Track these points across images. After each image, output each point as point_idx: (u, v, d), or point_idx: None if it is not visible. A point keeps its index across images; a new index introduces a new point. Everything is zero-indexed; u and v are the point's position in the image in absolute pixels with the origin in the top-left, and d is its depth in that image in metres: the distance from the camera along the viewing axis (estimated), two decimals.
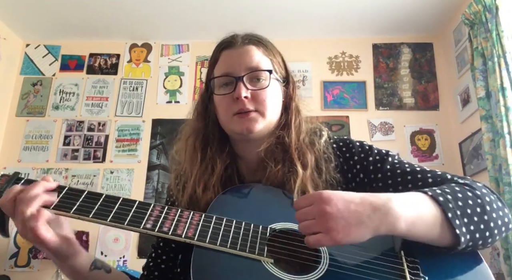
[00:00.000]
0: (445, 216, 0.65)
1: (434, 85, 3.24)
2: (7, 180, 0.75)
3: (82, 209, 0.72)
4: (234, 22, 3.16)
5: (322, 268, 0.69)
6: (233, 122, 0.86)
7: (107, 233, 2.89)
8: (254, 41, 0.91)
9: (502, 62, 2.29)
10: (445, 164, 3.03)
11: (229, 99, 0.86)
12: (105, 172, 3.08)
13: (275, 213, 0.78)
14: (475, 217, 0.68)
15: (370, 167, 0.86)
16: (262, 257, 0.68)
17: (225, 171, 0.89)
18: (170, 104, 3.30)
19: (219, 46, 0.93)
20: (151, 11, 3.08)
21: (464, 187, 0.72)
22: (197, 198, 0.85)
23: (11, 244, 2.89)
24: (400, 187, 0.82)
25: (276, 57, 0.93)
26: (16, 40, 3.39)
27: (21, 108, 3.28)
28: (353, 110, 3.21)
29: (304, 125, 0.92)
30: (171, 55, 3.44)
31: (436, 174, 0.81)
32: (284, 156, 0.87)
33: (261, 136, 0.88)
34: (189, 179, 0.88)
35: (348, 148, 0.91)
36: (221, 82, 0.88)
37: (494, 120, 2.32)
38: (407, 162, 0.86)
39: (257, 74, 0.87)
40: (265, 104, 0.86)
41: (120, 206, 0.73)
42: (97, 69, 3.40)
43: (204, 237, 0.70)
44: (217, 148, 0.90)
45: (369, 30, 3.31)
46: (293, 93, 0.94)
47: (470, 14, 2.55)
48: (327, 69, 3.33)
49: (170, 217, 0.73)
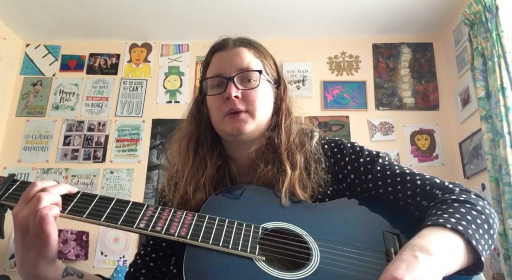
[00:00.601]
0: (468, 244, 0.66)
1: (434, 85, 3.24)
2: (2, 182, 0.75)
3: (77, 210, 0.73)
4: (234, 22, 3.16)
5: (313, 265, 0.70)
6: (224, 123, 0.88)
7: (107, 233, 2.89)
8: (245, 43, 0.94)
9: (502, 62, 2.29)
10: (445, 164, 3.03)
11: (221, 100, 0.87)
12: (105, 172, 3.08)
13: (267, 212, 0.80)
14: (486, 235, 0.70)
15: (360, 168, 0.88)
16: (254, 255, 0.69)
17: (217, 172, 0.90)
18: (170, 104, 3.30)
19: (211, 49, 0.96)
20: (151, 11, 3.08)
21: (467, 206, 0.73)
22: (188, 198, 0.86)
23: (11, 244, 2.89)
24: (389, 188, 0.84)
25: (267, 59, 0.95)
26: (16, 40, 3.39)
27: (21, 108, 3.28)
28: (353, 110, 3.21)
29: (295, 126, 0.93)
30: (171, 55, 3.44)
31: (425, 177, 0.83)
32: (274, 156, 0.88)
33: (252, 138, 0.90)
34: (181, 180, 0.90)
35: (340, 149, 0.92)
36: (213, 83, 0.90)
37: (494, 120, 2.32)
38: (397, 164, 0.88)
39: (247, 75, 0.89)
40: (255, 104, 0.87)
41: (114, 206, 0.74)
42: (97, 69, 3.40)
43: (197, 236, 0.71)
44: (208, 149, 0.92)
45: (369, 30, 3.30)
46: (284, 95, 0.95)
47: (470, 14, 2.55)
48: (327, 69, 3.33)
49: (163, 217, 0.74)
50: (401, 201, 0.83)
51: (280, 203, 0.81)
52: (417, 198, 0.81)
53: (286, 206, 0.81)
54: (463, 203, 0.73)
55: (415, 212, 0.81)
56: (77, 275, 0.81)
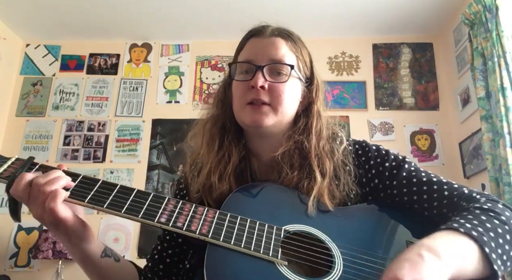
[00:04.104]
0: (482, 251, 0.63)
1: (434, 85, 3.24)
2: (22, 165, 0.74)
3: (97, 199, 0.71)
4: (233, 22, 3.16)
5: (336, 273, 0.68)
6: (244, 112, 0.84)
7: (107, 233, 2.89)
8: (283, 35, 0.89)
9: (502, 62, 2.29)
10: (445, 164, 3.03)
11: (245, 87, 0.84)
12: (105, 172, 3.08)
13: (290, 214, 0.77)
14: (507, 246, 0.66)
15: (386, 173, 0.84)
16: (276, 259, 0.67)
17: (239, 163, 0.87)
18: (170, 104, 3.30)
19: (248, 33, 0.91)
20: (151, 11, 3.08)
21: (489, 214, 0.69)
22: (211, 186, 0.83)
23: (11, 244, 2.89)
24: (414, 197, 0.81)
25: (303, 55, 0.90)
26: (16, 40, 3.39)
27: (21, 108, 3.28)
28: (353, 110, 3.21)
29: (325, 131, 0.89)
30: (171, 55, 3.44)
31: (453, 186, 0.79)
32: (302, 162, 0.84)
33: (273, 134, 0.86)
34: (205, 166, 0.86)
35: (364, 151, 0.88)
36: (241, 68, 0.87)
37: (494, 120, 2.32)
38: (424, 170, 0.84)
39: (278, 67, 0.85)
40: (280, 99, 0.83)
41: (134, 198, 0.72)
42: (97, 69, 3.40)
43: (219, 235, 0.69)
44: (233, 138, 0.88)
45: (369, 30, 3.30)
46: (315, 96, 0.90)
47: (470, 14, 2.55)
48: (327, 69, 3.33)
49: (185, 213, 0.72)
50: (426, 211, 0.80)
51: (305, 208, 0.77)
52: (443, 210, 0.77)
53: (310, 210, 0.77)
54: (485, 211, 0.70)
55: (440, 223, 0.77)
56: (114, 258, 0.84)
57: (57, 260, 2.67)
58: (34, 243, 2.81)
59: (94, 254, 0.78)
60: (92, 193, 0.71)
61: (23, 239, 2.90)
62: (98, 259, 0.79)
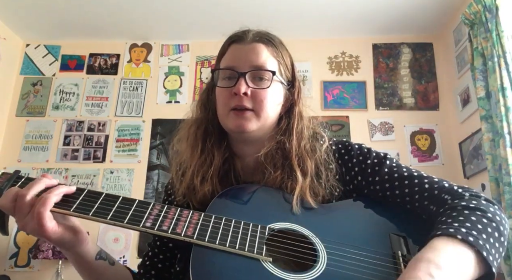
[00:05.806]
0: (479, 255, 0.65)
1: (434, 85, 3.24)
2: (8, 178, 0.75)
3: (83, 208, 0.72)
4: (233, 22, 3.11)
5: (320, 267, 0.70)
6: (228, 117, 0.86)
7: (107, 233, 2.89)
8: (264, 40, 0.90)
9: (502, 62, 2.29)
10: (445, 164, 3.03)
11: (229, 93, 0.86)
12: (105, 172, 3.08)
13: (275, 213, 0.79)
14: (497, 244, 0.68)
15: (368, 170, 0.87)
16: (260, 256, 0.69)
17: (223, 165, 0.89)
18: (170, 104, 3.30)
19: (229, 39, 0.92)
20: (151, 11, 3.08)
21: (477, 213, 0.71)
22: (195, 188, 0.85)
23: (11, 244, 2.89)
24: (396, 191, 0.83)
25: (284, 59, 0.92)
26: (16, 40, 3.39)
27: (21, 108, 3.28)
28: (353, 110, 3.21)
29: (307, 132, 0.91)
30: (171, 55, 3.44)
31: (433, 180, 0.81)
32: (284, 162, 0.86)
33: (256, 138, 0.88)
34: (188, 168, 0.88)
35: (347, 150, 0.91)
36: (224, 75, 0.88)
37: (494, 120, 2.32)
38: (405, 166, 0.86)
39: (260, 73, 0.86)
40: (262, 105, 0.85)
41: (120, 204, 0.74)
42: (97, 69, 3.40)
43: (203, 236, 0.70)
44: (215, 141, 0.90)
45: (369, 30, 3.30)
46: (297, 98, 0.92)
47: (470, 14, 2.55)
48: (327, 69, 3.33)
49: (170, 216, 0.73)
50: (408, 204, 0.82)
51: (290, 207, 0.80)
52: (424, 202, 0.79)
53: (294, 209, 0.79)
54: (473, 210, 0.71)
55: (422, 216, 0.80)
56: (109, 261, 0.85)
57: (57, 260, 2.67)
58: (34, 243, 2.81)
59: (88, 257, 0.80)
60: (77, 202, 0.73)
61: (23, 239, 2.90)
62: (93, 261, 0.81)
